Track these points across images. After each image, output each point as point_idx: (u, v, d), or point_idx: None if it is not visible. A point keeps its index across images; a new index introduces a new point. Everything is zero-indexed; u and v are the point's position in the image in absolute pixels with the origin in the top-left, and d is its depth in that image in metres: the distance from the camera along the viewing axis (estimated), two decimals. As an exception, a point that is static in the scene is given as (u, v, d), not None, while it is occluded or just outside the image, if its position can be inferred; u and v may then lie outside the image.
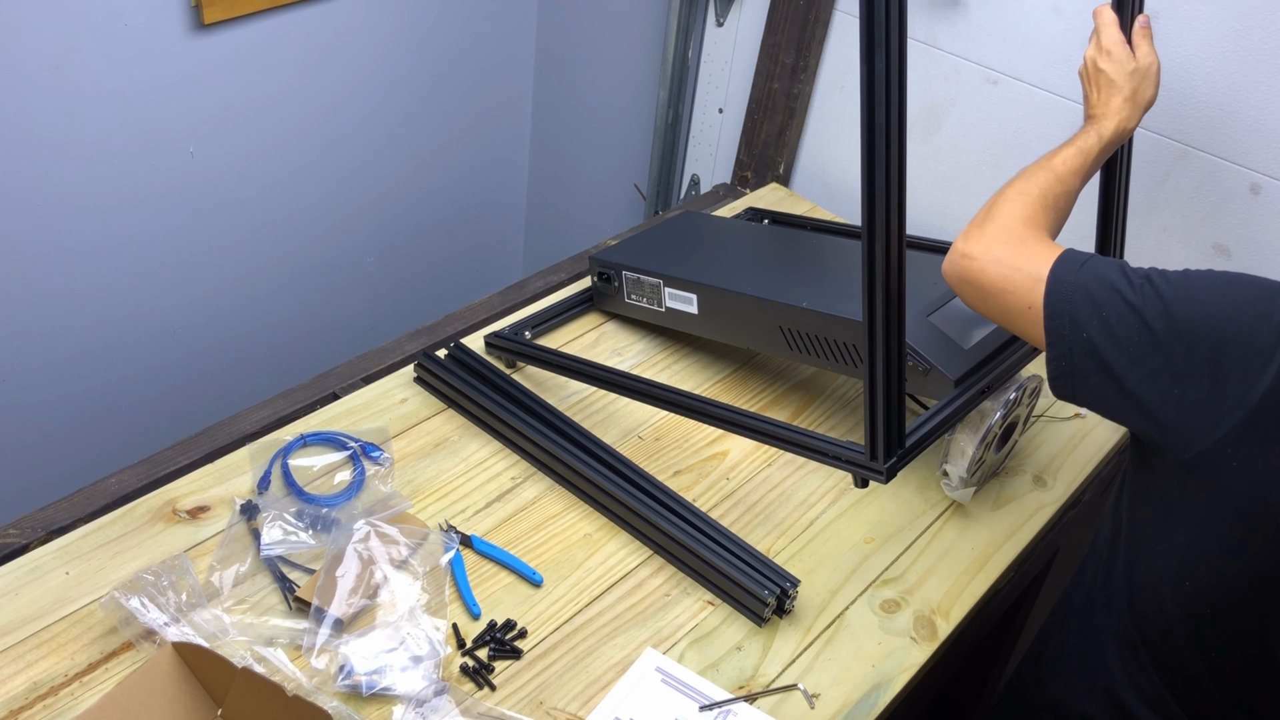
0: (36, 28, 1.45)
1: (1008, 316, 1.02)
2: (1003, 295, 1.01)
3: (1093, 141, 1.19)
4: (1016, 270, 1.00)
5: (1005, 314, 1.02)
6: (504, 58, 2.14)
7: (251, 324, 1.96)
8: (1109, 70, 1.23)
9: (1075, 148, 1.18)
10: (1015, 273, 1.00)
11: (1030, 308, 0.99)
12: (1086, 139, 1.19)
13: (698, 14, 1.90)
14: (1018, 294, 1.00)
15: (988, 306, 1.04)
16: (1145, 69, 1.24)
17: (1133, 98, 1.23)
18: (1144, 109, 1.25)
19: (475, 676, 1.08)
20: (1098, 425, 1.47)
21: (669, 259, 1.48)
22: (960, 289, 1.07)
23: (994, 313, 1.04)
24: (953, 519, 1.32)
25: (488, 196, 2.30)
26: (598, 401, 1.42)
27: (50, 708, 1.00)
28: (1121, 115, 1.22)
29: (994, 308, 1.03)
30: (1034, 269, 0.99)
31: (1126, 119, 1.22)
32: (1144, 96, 1.24)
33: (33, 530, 1.16)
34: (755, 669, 1.12)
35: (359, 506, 1.22)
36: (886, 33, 0.91)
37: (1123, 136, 1.22)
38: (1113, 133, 1.21)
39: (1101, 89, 1.24)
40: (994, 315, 1.05)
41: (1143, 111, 1.25)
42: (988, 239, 1.04)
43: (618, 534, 1.25)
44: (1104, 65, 1.24)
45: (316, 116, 1.85)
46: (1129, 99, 1.22)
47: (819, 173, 1.87)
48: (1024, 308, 0.99)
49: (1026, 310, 0.99)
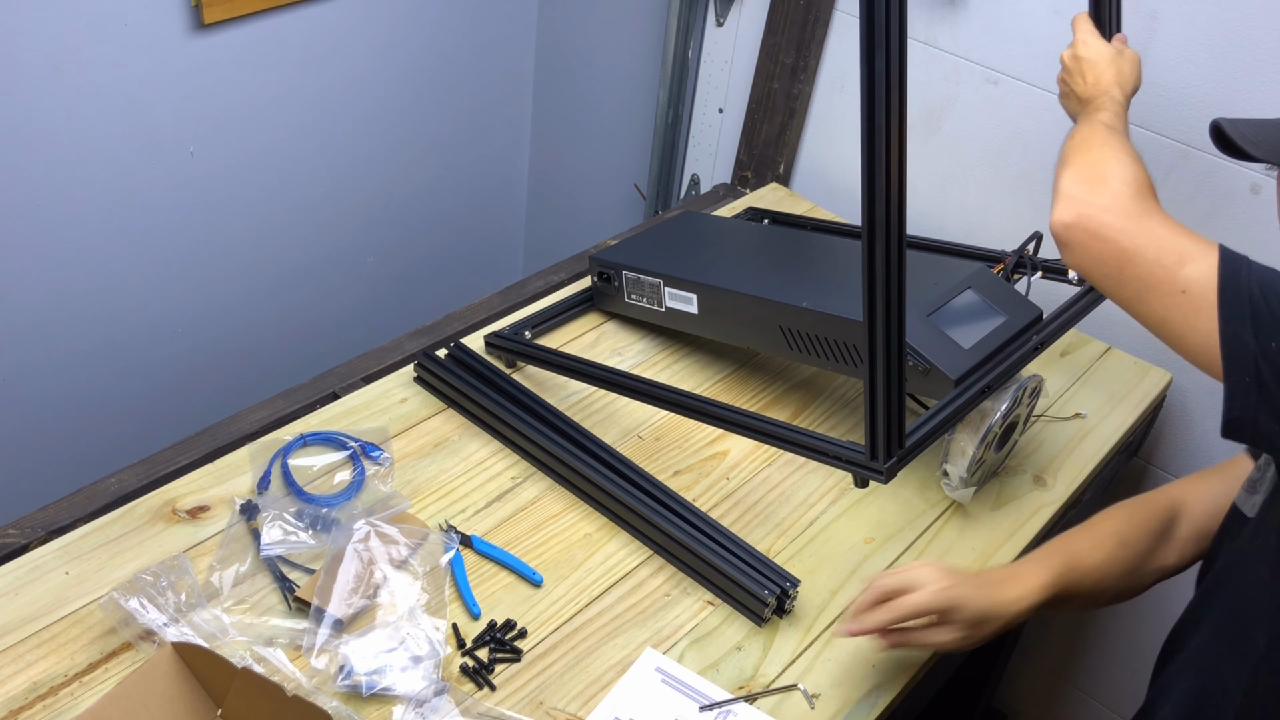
0: (36, 28, 1.45)
1: (1147, 295, 0.88)
2: (1150, 266, 0.87)
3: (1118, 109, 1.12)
4: (1172, 240, 0.86)
5: (1145, 290, 0.88)
6: (504, 58, 2.14)
7: (251, 324, 1.96)
8: (1090, 56, 1.22)
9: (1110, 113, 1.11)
10: (1168, 242, 0.86)
11: (1184, 291, 0.85)
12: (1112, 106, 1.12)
13: (698, 14, 1.90)
14: (1169, 268, 0.86)
15: (1122, 275, 0.90)
16: (1127, 54, 1.23)
17: (1118, 77, 1.20)
18: (1132, 90, 1.22)
19: (475, 676, 1.08)
20: (1098, 425, 1.47)
21: (669, 259, 1.48)
22: (1089, 246, 0.92)
23: (1128, 284, 0.90)
24: (953, 519, 1.32)
25: (488, 196, 2.30)
26: (598, 401, 1.42)
27: (50, 708, 1.00)
28: (1119, 84, 1.18)
29: (1131, 278, 0.89)
30: (1190, 245, 0.86)
31: (1123, 88, 1.19)
32: (1128, 77, 1.21)
33: (33, 530, 1.16)
34: (755, 669, 1.12)
35: (359, 506, 1.22)
36: (886, 33, 0.91)
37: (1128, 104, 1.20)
38: (1123, 98, 1.16)
39: (1087, 73, 1.21)
40: (1125, 288, 0.90)
41: (1131, 92, 1.21)
42: (1122, 197, 0.91)
43: (618, 534, 1.25)
44: (1083, 53, 1.23)
45: (317, 116, 1.85)
46: (1116, 78, 1.20)
47: (819, 173, 1.87)
48: (1175, 288, 0.85)
49: (1178, 293, 0.85)
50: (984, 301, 1.31)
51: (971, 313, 1.30)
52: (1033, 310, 1.33)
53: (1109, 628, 1.87)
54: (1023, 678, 2.04)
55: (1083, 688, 1.97)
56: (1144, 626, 1.78)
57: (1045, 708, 2.05)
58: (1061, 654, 1.97)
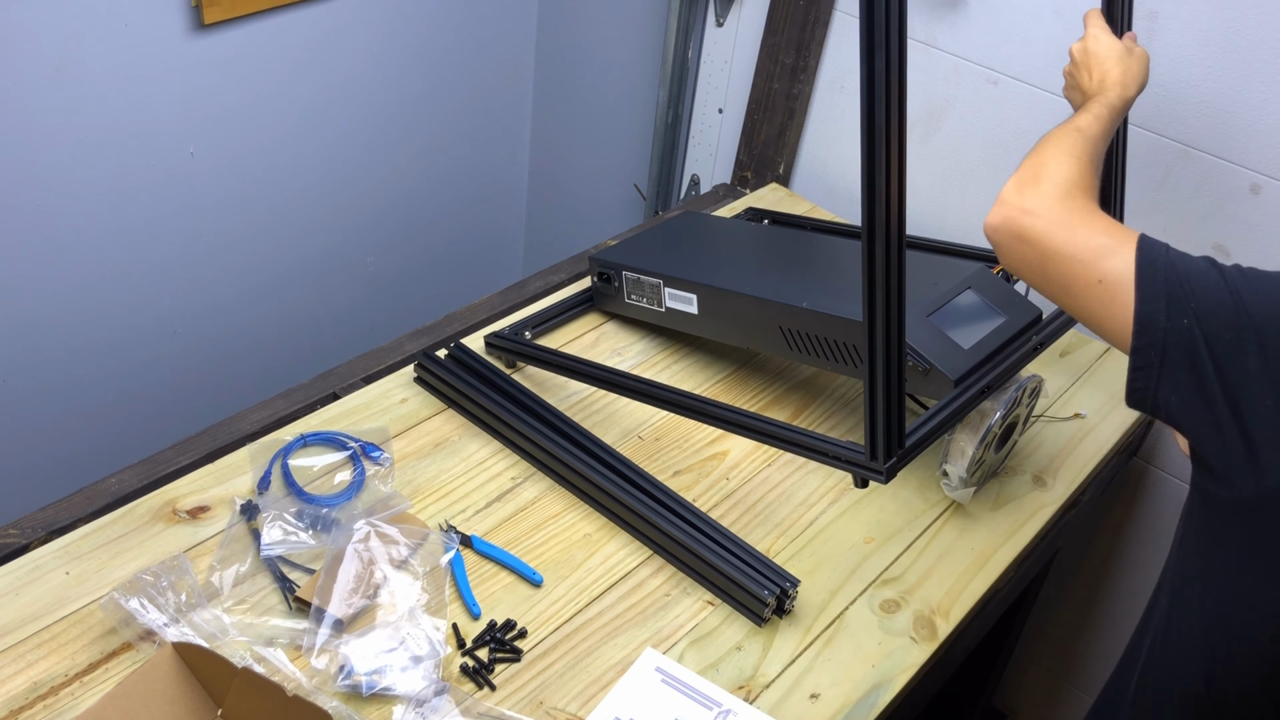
0: (37, 28, 1.45)
1: (1068, 288, 0.93)
2: (1068, 262, 0.92)
3: (1105, 111, 1.14)
4: (1090, 237, 0.91)
5: (1065, 285, 0.93)
6: (504, 58, 2.14)
7: (251, 324, 1.96)
8: (1100, 51, 1.21)
9: (1092, 115, 1.12)
10: (1087, 240, 0.91)
11: (1100, 281, 0.90)
12: (1099, 108, 1.14)
13: (698, 14, 1.90)
14: (1087, 264, 0.91)
15: (1045, 273, 0.95)
16: (1136, 52, 1.23)
17: (1124, 76, 1.20)
18: (1136, 91, 1.22)
19: (475, 676, 1.08)
20: (1098, 425, 1.47)
21: (669, 259, 1.48)
22: (1013, 248, 0.97)
23: (1051, 281, 0.95)
24: (953, 519, 1.32)
25: (488, 196, 2.30)
26: (598, 401, 1.42)
27: (50, 708, 1.00)
28: (1121, 85, 1.19)
29: (1053, 275, 0.94)
30: (1108, 240, 0.91)
31: (1126, 88, 1.19)
32: (1135, 76, 1.21)
33: (33, 530, 1.16)
34: (755, 669, 1.12)
35: (359, 506, 1.22)
36: (886, 33, 0.91)
37: (1125, 109, 1.19)
38: (1119, 101, 1.17)
39: (1094, 69, 1.21)
40: (1049, 284, 0.95)
41: (1135, 93, 1.22)
42: (1048, 198, 0.95)
43: (618, 534, 1.25)
44: (1093, 47, 1.22)
45: (317, 116, 1.85)
46: (1122, 77, 1.20)
47: (819, 173, 1.87)
48: (1093, 280, 0.90)
49: (1095, 285, 0.90)
50: (984, 302, 1.31)
51: (971, 313, 1.30)
52: (1032, 310, 1.33)
53: (1109, 627, 1.87)
54: (1023, 678, 2.04)
55: (1083, 688, 1.97)
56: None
57: (1045, 708, 2.05)
58: (1061, 654, 1.97)
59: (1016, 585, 1.36)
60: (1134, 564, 1.79)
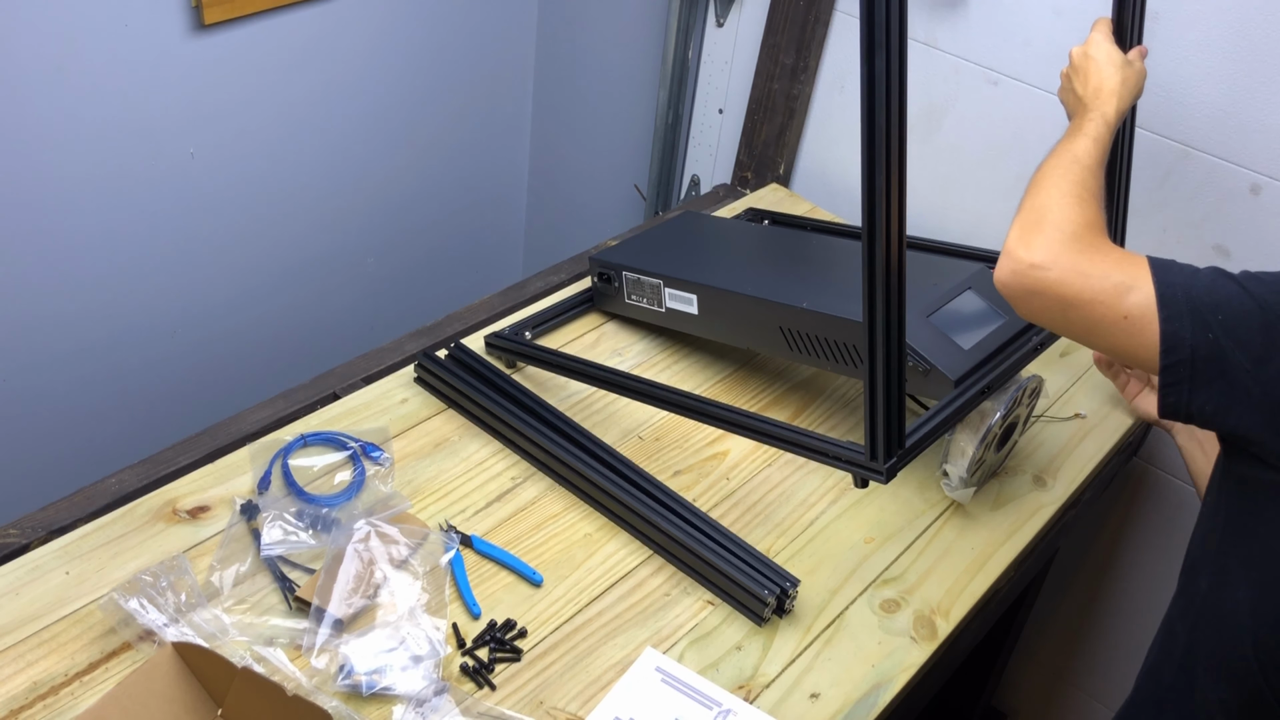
0: (37, 28, 1.45)
1: (1093, 330, 0.94)
2: (1089, 307, 0.93)
3: (1102, 129, 1.14)
4: (1105, 279, 0.92)
5: (1090, 327, 0.94)
6: (504, 58, 2.14)
7: (251, 324, 1.96)
8: (1099, 58, 1.21)
9: (1088, 138, 1.12)
10: (1104, 281, 0.92)
11: (1126, 317, 0.91)
12: (1095, 126, 1.14)
13: (698, 14, 1.90)
14: (1108, 304, 0.92)
15: (1068, 319, 0.96)
16: (1136, 66, 1.23)
17: (1121, 86, 1.19)
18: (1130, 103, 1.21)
19: (475, 676, 1.08)
20: (1098, 425, 1.47)
21: (669, 259, 1.48)
22: (1029, 302, 0.97)
23: (1074, 324, 0.96)
24: (953, 519, 1.32)
25: (488, 197, 2.30)
26: (598, 401, 1.42)
27: (50, 708, 1.00)
28: (1117, 95, 1.18)
29: (1076, 320, 0.95)
30: (1124, 276, 0.92)
31: (1121, 99, 1.19)
32: (1130, 89, 1.21)
33: (33, 530, 1.16)
34: (755, 669, 1.12)
35: (359, 506, 1.22)
36: (886, 33, 0.91)
37: (1120, 120, 1.19)
38: (1115, 115, 1.17)
39: (1091, 74, 1.21)
40: (1073, 327, 0.96)
41: (1128, 105, 1.21)
42: (1056, 246, 0.96)
43: (618, 534, 1.25)
44: (1093, 53, 1.22)
45: (316, 117, 1.85)
46: (1119, 87, 1.19)
47: (819, 173, 1.87)
48: (1118, 318, 0.92)
49: (1121, 321, 0.92)
50: (984, 302, 1.32)
51: (971, 313, 1.30)
52: (1033, 310, 1.33)
53: (1109, 628, 1.87)
54: (1023, 678, 2.04)
55: (1083, 688, 1.97)
56: (1144, 626, 1.78)
57: (1045, 708, 2.05)
58: (1061, 654, 1.97)
59: (1016, 585, 1.36)
60: (1134, 564, 1.79)
